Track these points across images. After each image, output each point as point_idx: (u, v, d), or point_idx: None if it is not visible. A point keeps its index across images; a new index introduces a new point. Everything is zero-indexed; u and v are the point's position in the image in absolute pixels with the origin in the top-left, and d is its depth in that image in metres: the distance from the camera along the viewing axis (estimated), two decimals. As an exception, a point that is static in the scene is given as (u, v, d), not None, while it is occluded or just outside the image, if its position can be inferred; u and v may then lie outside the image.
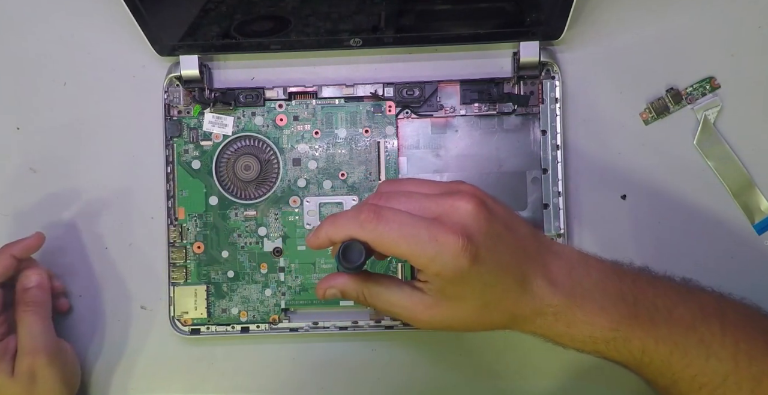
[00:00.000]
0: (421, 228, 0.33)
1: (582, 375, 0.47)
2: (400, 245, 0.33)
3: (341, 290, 0.36)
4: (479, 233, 0.33)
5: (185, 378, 0.48)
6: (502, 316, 0.35)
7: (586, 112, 0.46)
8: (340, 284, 0.36)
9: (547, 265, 0.35)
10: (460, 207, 0.33)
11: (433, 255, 0.33)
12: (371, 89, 0.46)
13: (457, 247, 0.32)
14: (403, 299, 0.35)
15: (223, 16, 0.42)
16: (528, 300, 0.35)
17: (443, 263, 0.33)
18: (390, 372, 0.48)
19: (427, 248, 0.32)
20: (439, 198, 0.34)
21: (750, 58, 0.46)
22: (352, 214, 0.34)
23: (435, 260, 0.33)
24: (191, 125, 0.47)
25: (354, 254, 0.34)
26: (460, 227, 0.33)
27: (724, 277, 0.46)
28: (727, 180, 0.46)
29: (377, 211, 0.33)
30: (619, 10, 0.46)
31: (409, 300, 0.35)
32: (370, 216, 0.33)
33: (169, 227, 0.47)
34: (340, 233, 0.34)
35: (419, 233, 0.33)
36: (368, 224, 0.33)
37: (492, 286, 0.34)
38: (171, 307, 0.47)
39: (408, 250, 0.33)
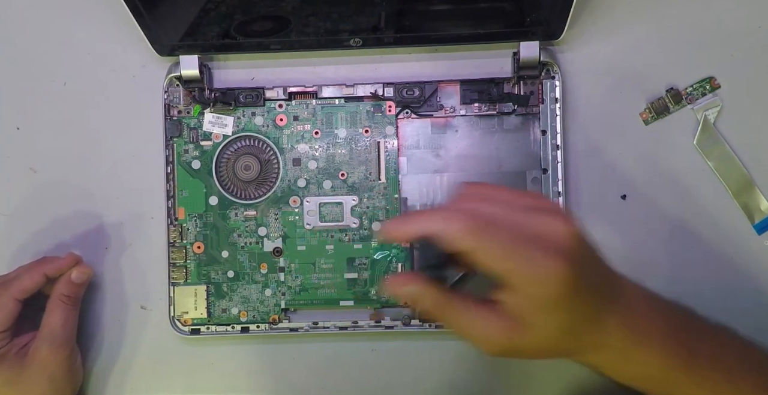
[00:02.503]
0: (526, 247, 0.31)
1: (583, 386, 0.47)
2: (501, 262, 0.32)
3: (418, 297, 0.34)
4: (580, 259, 0.32)
5: (185, 378, 0.48)
6: (572, 346, 0.34)
7: (586, 112, 0.46)
8: (420, 292, 0.34)
9: (618, 299, 0.35)
10: (562, 230, 0.32)
11: (534, 277, 0.32)
12: (371, 89, 0.46)
13: (560, 273, 0.31)
14: (479, 321, 0.33)
15: (223, 16, 0.42)
16: (597, 333, 0.34)
17: (542, 286, 0.32)
18: (390, 372, 0.48)
19: (531, 268, 0.31)
20: (538, 214, 0.33)
21: (750, 58, 0.46)
22: (450, 217, 0.32)
23: (535, 281, 0.32)
24: (191, 125, 0.47)
25: (432, 253, 0.32)
26: (564, 250, 0.32)
27: (724, 277, 0.46)
28: (727, 180, 0.46)
29: (479, 222, 0.32)
30: (619, 10, 0.46)
31: (485, 322, 0.33)
32: (471, 226, 0.32)
33: (169, 227, 0.47)
34: (426, 232, 0.32)
35: (524, 252, 0.31)
36: (469, 233, 0.31)
37: (575, 315, 0.33)
38: (171, 307, 0.47)
39: (508, 267, 0.32)
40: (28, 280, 0.43)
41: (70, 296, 0.44)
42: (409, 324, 0.46)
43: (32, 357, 0.43)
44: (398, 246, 0.46)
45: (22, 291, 0.43)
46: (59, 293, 0.44)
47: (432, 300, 0.34)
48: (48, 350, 0.43)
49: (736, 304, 0.46)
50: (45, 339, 0.43)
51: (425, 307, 0.34)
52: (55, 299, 0.44)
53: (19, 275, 0.44)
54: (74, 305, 0.45)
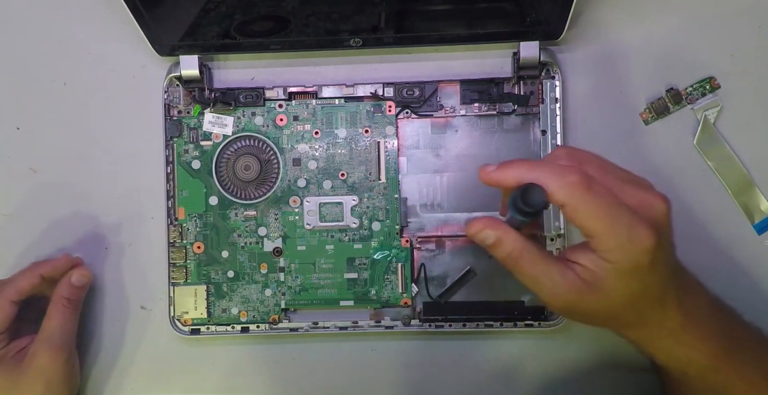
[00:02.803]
0: (624, 213, 0.32)
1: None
2: (599, 221, 0.32)
3: (499, 238, 0.35)
4: (666, 238, 0.34)
5: (185, 378, 0.48)
6: (632, 318, 0.36)
7: (586, 112, 0.46)
8: (501, 233, 0.35)
9: (678, 282, 0.36)
10: (657, 206, 0.34)
11: (623, 243, 0.32)
12: (371, 89, 0.46)
13: (649, 243, 0.33)
14: (556, 274, 0.34)
15: (223, 16, 0.42)
16: (658, 310, 0.35)
17: (628, 254, 0.33)
18: (390, 372, 0.48)
19: (623, 234, 0.32)
20: (637, 187, 0.34)
21: (750, 58, 0.46)
22: (559, 171, 0.33)
23: (622, 247, 0.33)
24: (191, 125, 0.47)
25: (536, 198, 0.33)
26: (656, 225, 0.33)
27: (724, 277, 0.46)
28: (727, 180, 0.46)
29: (589, 180, 0.32)
30: (618, 10, 0.46)
31: (561, 277, 0.34)
32: (581, 182, 0.32)
33: (169, 227, 0.47)
34: (531, 179, 0.33)
35: (622, 217, 0.32)
36: (577, 188, 0.32)
37: (646, 288, 0.34)
38: (171, 307, 0.47)
39: (604, 229, 0.32)
40: (23, 281, 0.43)
41: (70, 299, 0.44)
42: (409, 324, 0.46)
43: (29, 360, 0.43)
44: (398, 246, 0.46)
45: (18, 293, 0.43)
46: (60, 296, 0.44)
47: (512, 246, 0.35)
48: (46, 353, 0.43)
49: (736, 304, 0.45)
50: (43, 342, 0.43)
51: (502, 253, 0.35)
52: (56, 302, 0.44)
53: (14, 278, 0.44)
54: (75, 308, 0.45)
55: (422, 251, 0.47)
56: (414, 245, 0.47)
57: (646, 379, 0.46)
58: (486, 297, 0.46)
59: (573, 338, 0.47)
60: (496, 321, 0.46)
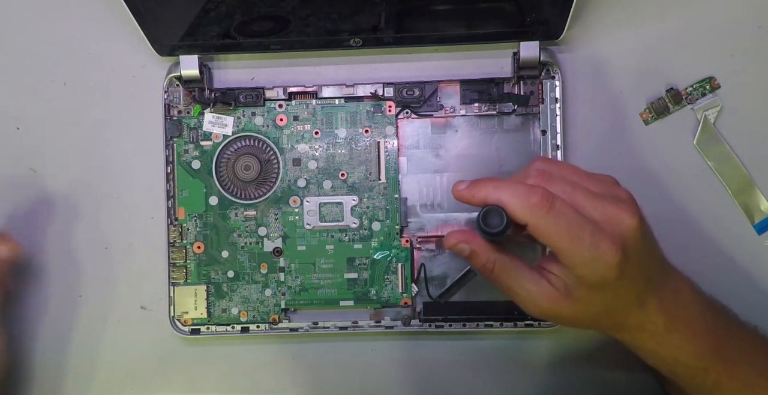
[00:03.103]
0: (586, 231, 0.33)
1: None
2: (561, 239, 0.33)
3: (474, 250, 0.36)
4: (634, 250, 0.34)
5: (185, 378, 0.48)
6: (611, 323, 0.37)
7: (586, 112, 0.46)
8: (476, 245, 0.36)
9: (662, 285, 0.37)
10: (625, 221, 0.34)
11: (587, 260, 0.33)
12: (371, 89, 0.46)
13: (613, 261, 0.33)
14: (530, 284, 0.36)
15: (223, 16, 0.42)
16: (638, 314, 0.36)
17: (593, 271, 0.34)
18: (390, 372, 0.48)
19: (585, 251, 0.33)
20: (604, 202, 0.35)
21: (750, 58, 0.46)
22: (522, 191, 0.34)
23: (587, 264, 0.34)
24: (191, 125, 0.47)
25: (494, 220, 0.34)
26: (621, 241, 0.34)
27: (724, 277, 0.46)
28: (727, 180, 0.46)
29: (551, 200, 0.33)
30: (619, 10, 0.46)
31: (535, 287, 0.36)
32: (543, 203, 0.33)
33: (169, 227, 0.47)
34: (497, 200, 0.34)
35: (584, 236, 0.33)
36: (539, 209, 0.33)
37: (619, 297, 0.35)
38: (171, 307, 0.47)
39: (566, 247, 0.33)
40: None
41: None
42: (409, 324, 0.46)
43: None
44: (398, 246, 0.46)
45: None
46: None
47: (485, 258, 0.36)
48: None
49: (736, 304, 0.45)
50: None
51: (479, 261, 0.37)
52: None
53: None
54: None
55: (422, 251, 0.47)
56: (414, 245, 0.47)
57: (646, 380, 0.46)
58: (486, 297, 0.46)
59: (573, 338, 0.47)
60: (496, 321, 0.46)
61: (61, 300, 0.48)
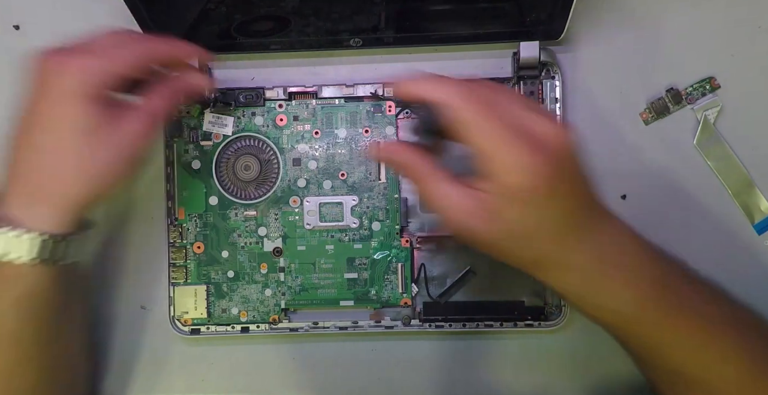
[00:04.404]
0: (511, 135, 0.32)
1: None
2: (487, 138, 0.32)
3: (403, 162, 0.35)
4: (560, 164, 0.33)
5: (185, 378, 0.48)
6: (531, 254, 0.35)
7: (586, 112, 0.46)
8: (405, 157, 0.35)
9: (594, 225, 0.35)
10: (555, 133, 0.33)
11: (511, 163, 0.32)
12: (371, 89, 0.46)
13: (534, 168, 0.32)
14: (455, 195, 0.34)
15: (223, 16, 0.42)
16: (560, 250, 0.34)
17: (516, 176, 0.32)
18: (390, 372, 0.48)
19: (508, 156, 0.32)
20: (534, 111, 0.33)
21: (750, 58, 0.46)
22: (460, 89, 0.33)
23: (510, 168, 0.32)
24: (191, 125, 0.47)
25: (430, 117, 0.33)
26: (545, 150, 0.32)
27: (724, 277, 0.46)
28: (727, 180, 0.46)
29: (476, 94, 0.32)
30: (619, 10, 0.46)
31: (457, 198, 0.34)
32: (467, 96, 0.32)
33: (169, 227, 0.47)
34: (431, 94, 0.33)
35: (508, 137, 0.32)
36: (464, 102, 0.32)
37: (539, 223, 0.33)
38: (171, 307, 0.47)
39: (491, 146, 0.32)
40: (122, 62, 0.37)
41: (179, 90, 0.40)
42: (409, 324, 0.46)
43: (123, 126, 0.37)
44: (398, 246, 0.46)
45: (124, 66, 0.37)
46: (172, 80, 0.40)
47: (413, 167, 0.35)
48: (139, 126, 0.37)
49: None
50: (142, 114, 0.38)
51: (408, 172, 0.35)
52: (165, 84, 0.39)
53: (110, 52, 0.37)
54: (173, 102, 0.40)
55: (422, 251, 0.47)
56: (414, 245, 0.47)
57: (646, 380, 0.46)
58: (486, 296, 0.46)
59: (573, 337, 0.47)
60: (496, 321, 0.46)
61: (61, 300, 0.48)
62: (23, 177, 0.37)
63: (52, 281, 0.38)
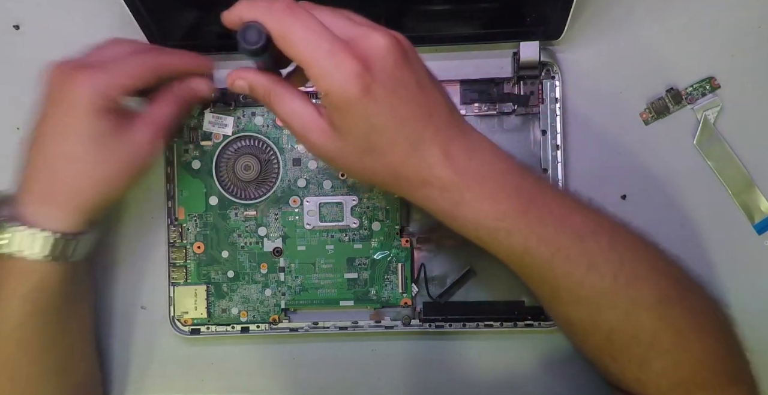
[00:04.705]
0: (326, 41, 0.32)
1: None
2: (299, 46, 0.32)
3: (250, 83, 0.35)
4: (382, 70, 0.33)
5: (185, 378, 0.48)
6: (385, 170, 0.35)
7: (586, 112, 0.46)
8: (250, 78, 0.35)
9: (449, 139, 0.35)
10: (375, 39, 0.33)
11: (327, 71, 0.32)
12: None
13: (351, 71, 0.32)
14: (303, 113, 0.35)
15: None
16: (415, 164, 0.34)
17: (333, 83, 0.32)
18: (390, 372, 0.48)
19: (324, 61, 0.32)
20: (359, 25, 0.34)
21: (750, 58, 0.46)
22: (266, 1, 0.33)
23: (326, 76, 0.32)
24: (191, 125, 0.47)
25: (252, 36, 0.33)
26: (365, 56, 0.32)
27: (724, 277, 0.46)
28: (727, 180, 0.46)
29: (294, 8, 0.33)
30: (619, 10, 0.46)
31: (308, 116, 0.34)
32: (283, 7, 0.32)
33: (169, 227, 0.47)
34: (249, 14, 0.33)
35: (322, 44, 0.32)
36: (278, 13, 0.32)
37: (379, 132, 0.33)
38: (171, 307, 0.47)
39: (305, 55, 0.32)
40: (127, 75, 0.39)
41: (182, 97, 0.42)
42: (409, 324, 0.46)
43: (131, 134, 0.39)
44: (398, 246, 0.46)
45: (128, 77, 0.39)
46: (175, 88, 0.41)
47: (261, 88, 0.35)
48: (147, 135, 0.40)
49: (736, 304, 0.46)
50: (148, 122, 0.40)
51: (258, 93, 0.36)
52: (168, 92, 0.41)
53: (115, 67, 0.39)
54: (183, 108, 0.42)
55: (422, 251, 0.47)
56: (414, 245, 0.47)
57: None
58: (486, 296, 0.46)
59: (573, 338, 0.47)
60: (496, 321, 0.46)
61: (61, 300, 0.48)
62: (37, 181, 0.39)
63: (61, 277, 0.40)
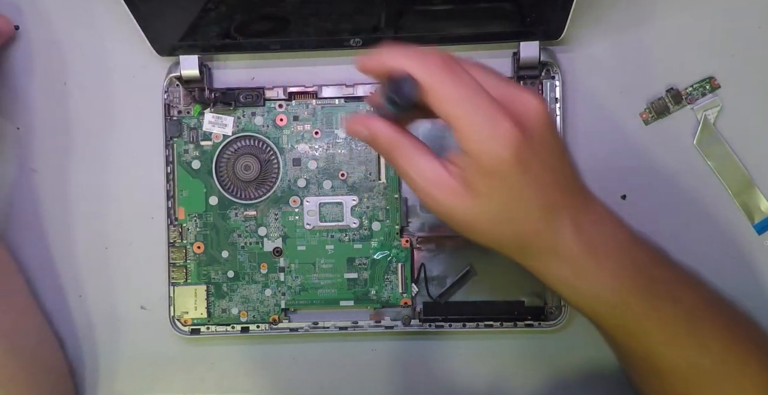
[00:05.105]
0: (484, 101, 0.31)
1: (582, 375, 0.47)
2: (458, 106, 0.31)
3: (374, 134, 0.33)
4: (536, 135, 0.31)
5: (185, 378, 0.48)
6: (515, 237, 0.33)
7: (586, 112, 0.46)
8: (376, 128, 0.33)
9: (579, 208, 0.34)
10: (529, 101, 0.32)
11: (483, 133, 0.30)
12: (371, 89, 0.46)
13: (508, 136, 0.30)
14: (428, 170, 0.32)
15: (223, 16, 0.42)
16: (547, 234, 0.33)
17: (489, 147, 0.30)
18: (390, 372, 0.48)
19: (483, 123, 0.30)
20: (509, 84, 0.32)
21: (750, 58, 0.46)
22: (421, 54, 0.31)
23: (483, 139, 0.31)
24: (191, 125, 0.47)
25: (410, 90, 0.31)
26: (519, 119, 0.31)
27: (724, 277, 0.46)
28: (727, 180, 0.46)
29: (451, 63, 0.31)
30: (619, 10, 0.46)
31: (433, 173, 0.32)
32: (441, 64, 0.31)
33: (169, 227, 0.47)
34: (399, 64, 0.31)
35: (480, 105, 0.30)
36: (436, 67, 0.31)
37: (519, 200, 0.32)
38: (171, 307, 0.47)
39: (463, 115, 0.30)
40: None
41: None
42: (409, 324, 0.46)
43: None
44: (398, 246, 0.46)
45: None
46: None
47: (384, 140, 0.33)
48: None
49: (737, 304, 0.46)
50: None
51: (381, 145, 0.34)
52: None
53: None
54: None
55: (422, 251, 0.47)
56: (414, 245, 0.47)
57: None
58: (486, 296, 0.46)
59: (573, 338, 0.47)
60: (496, 321, 0.46)
61: (61, 300, 0.48)
62: None
63: None
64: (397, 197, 0.46)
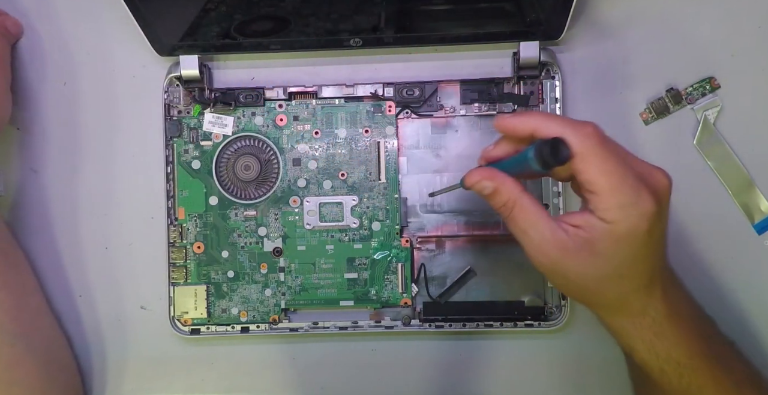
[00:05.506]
0: (631, 175, 0.33)
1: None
2: (607, 176, 0.32)
3: (496, 188, 0.35)
4: (664, 211, 0.34)
5: (185, 378, 0.48)
6: (617, 296, 0.35)
7: (586, 112, 0.46)
8: (499, 182, 0.35)
9: (667, 274, 0.37)
10: (661, 178, 0.34)
11: (626, 203, 0.32)
12: (371, 89, 0.46)
13: (648, 210, 0.32)
14: (548, 230, 0.34)
15: (223, 16, 0.42)
16: (642, 295, 0.35)
17: (629, 215, 0.32)
18: (390, 372, 0.48)
19: (627, 193, 0.32)
20: (644, 162, 0.35)
21: (750, 58, 0.46)
22: (574, 122, 0.33)
23: (625, 208, 0.32)
24: (191, 125, 0.47)
25: (565, 153, 0.32)
26: (659, 196, 0.33)
27: (724, 277, 0.46)
28: (727, 180, 0.46)
29: (603, 135, 0.33)
30: (619, 10, 0.46)
31: (552, 234, 0.34)
32: (596, 134, 0.33)
33: (169, 227, 0.47)
34: (547, 129, 0.33)
35: (628, 177, 0.33)
36: (592, 139, 0.32)
37: (635, 263, 0.34)
38: (171, 307, 0.47)
39: (610, 184, 0.32)
40: None
41: None
42: (409, 324, 0.46)
43: None
44: (398, 246, 0.46)
45: None
46: None
47: (507, 196, 0.35)
48: None
49: (736, 304, 0.46)
50: None
51: (499, 203, 0.35)
52: None
53: None
54: None
55: (422, 251, 0.47)
56: (414, 245, 0.47)
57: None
58: (486, 296, 0.46)
59: (573, 338, 0.47)
60: (496, 321, 0.46)
61: (61, 300, 0.48)
62: None
63: None
64: (397, 197, 0.46)
